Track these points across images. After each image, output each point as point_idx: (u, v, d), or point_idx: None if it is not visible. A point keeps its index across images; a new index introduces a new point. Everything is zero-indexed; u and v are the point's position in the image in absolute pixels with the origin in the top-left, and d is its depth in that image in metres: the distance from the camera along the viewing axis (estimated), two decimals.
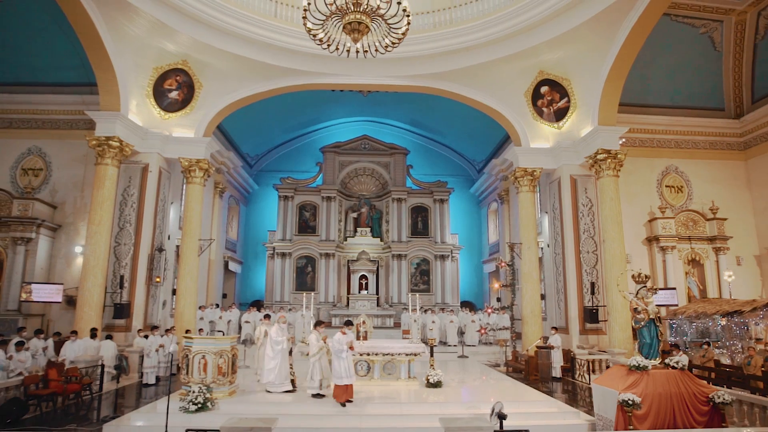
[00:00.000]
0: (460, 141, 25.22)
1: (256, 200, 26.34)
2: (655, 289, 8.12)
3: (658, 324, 7.94)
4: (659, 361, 7.73)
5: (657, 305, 14.27)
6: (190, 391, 8.14)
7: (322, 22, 8.88)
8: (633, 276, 8.17)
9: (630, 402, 7.04)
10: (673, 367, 7.59)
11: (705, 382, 8.28)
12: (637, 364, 7.56)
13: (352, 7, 8.69)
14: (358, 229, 24.33)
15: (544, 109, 16.12)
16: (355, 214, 24.78)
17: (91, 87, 15.59)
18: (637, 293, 8.03)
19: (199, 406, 7.98)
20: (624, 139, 15.03)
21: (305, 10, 8.73)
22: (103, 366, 10.95)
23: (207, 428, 6.23)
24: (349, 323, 9.48)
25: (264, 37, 15.09)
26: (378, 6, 8.66)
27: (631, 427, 7.02)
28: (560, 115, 15.95)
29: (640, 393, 7.22)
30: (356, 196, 25.03)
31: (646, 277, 8.16)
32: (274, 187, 24.00)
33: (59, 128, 16.16)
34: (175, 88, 15.36)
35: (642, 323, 7.89)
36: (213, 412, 8.01)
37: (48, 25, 14.69)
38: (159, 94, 15.27)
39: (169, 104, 15.50)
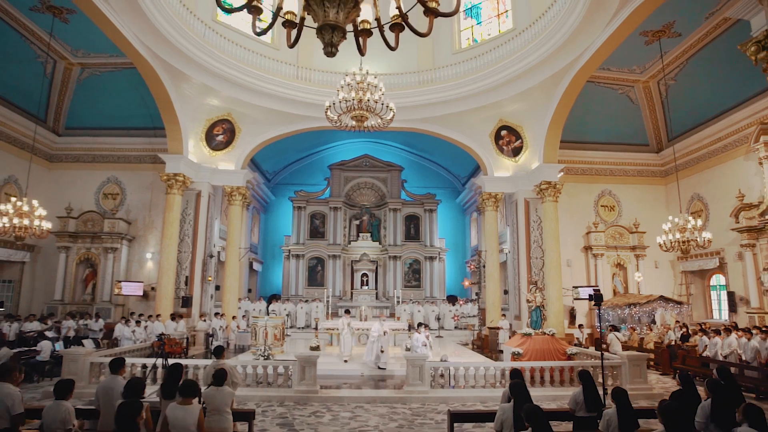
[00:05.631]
0: (447, 159, 30.83)
1: (274, 209, 32.19)
2: (541, 288, 13.84)
3: (542, 309, 13.73)
4: (540, 331, 13.53)
5: (583, 299, 20.23)
6: (258, 349, 13.98)
7: (338, 115, 14.59)
8: (528, 281, 13.94)
9: (516, 353, 12.85)
10: (547, 334, 13.41)
11: (566, 342, 14.08)
12: (525, 332, 13.39)
13: (357, 105, 14.44)
14: (360, 235, 30.09)
15: (504, 147, 21.78)
16: (357, 222, 30.54)
17: (155, 131, 21.41)
18: (530, 291, 13.82)
19: (264, 358, 13.81)
20: (563, 173, 20.66)
21: (327, 109, 14.46)
22: (187, 338, 16.82)
23: (285, 359, 12.05)
24: (425, 326, 15.11)
25: (288, 94, 20.68)
26: (375, 102, 14.38)
27: None
28: (516, 152, 21.60)
29: (524, 348, 13.04)
30: (358, 206, 30.78)
31: (536, 281, 13.95)
32: (290, 199, 29.79)
33: (131, 162, 21.95)
34: (221, 133, 21.09)
35: (532, 308, 13.70)
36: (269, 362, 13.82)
37: (126, 86, 20.37)
38: (209, 137, 20.99)
39: (216, 145, 21.24)
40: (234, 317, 20.17)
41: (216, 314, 19.20)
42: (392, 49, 3.67)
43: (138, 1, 15.25)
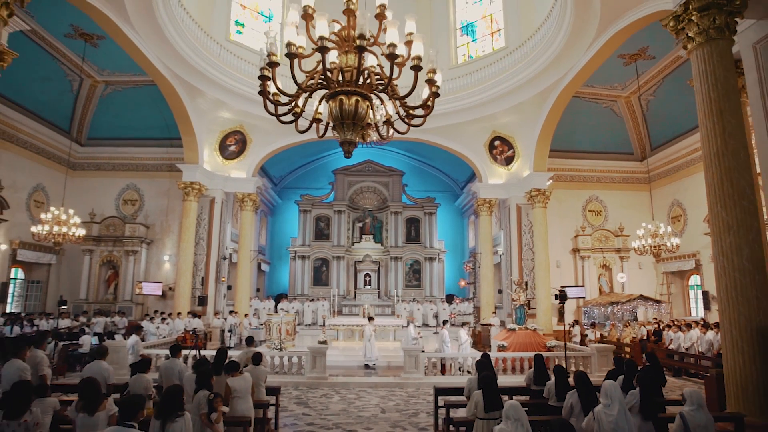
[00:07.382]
0: (446, 164, 32.71)
1: (280, 212, 34.17)
2: (525, 288, 15.74)
3: (525, 307, 15.63)
4: (524, 326, 15.43)
5: (571, 297, 22.10)
6: (272, 343, 15.92)
7: None
8: (515, 282, 15.84)
9: (502, 345, 14.76)
10: (531, 329, 15.30)
11: (546, 336, 15.99)
12: (510, 327, 15.30)
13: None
14: (363, 236, 32.02)
15: (498, 156, 23.65)
16: (360, 224, 32.48)
17: (171, 141, 23.33)
18: (515, 291, 15.71)
19: (278, 350, 15.75)
20: (551, 181, 22.50)
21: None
22: (205, 333, 18.76)
23: (297, 350, 13.98)
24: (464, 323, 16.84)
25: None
26: (376, 122, 16.27)
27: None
28: (509, 161, 23.47)
29: (509, 341, 14.94)
30: (361, 209, 32.71)
31: (525, 282, 15.86)
32: (296, 203, 31.74)
33: (148, 170, 23.90)
34: (233, 144, 23.01)
35: (516, 306, 15.59)
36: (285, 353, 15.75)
37: (145, 101, 22.29)
38: (222, 147, 22.92)
39: (228, 154, 23.17)
40: (246, 315, 22.11)
41: (230, 312, 21.17)
42: (383, 139, 5.56)
43: (161, 26, 17.12)
